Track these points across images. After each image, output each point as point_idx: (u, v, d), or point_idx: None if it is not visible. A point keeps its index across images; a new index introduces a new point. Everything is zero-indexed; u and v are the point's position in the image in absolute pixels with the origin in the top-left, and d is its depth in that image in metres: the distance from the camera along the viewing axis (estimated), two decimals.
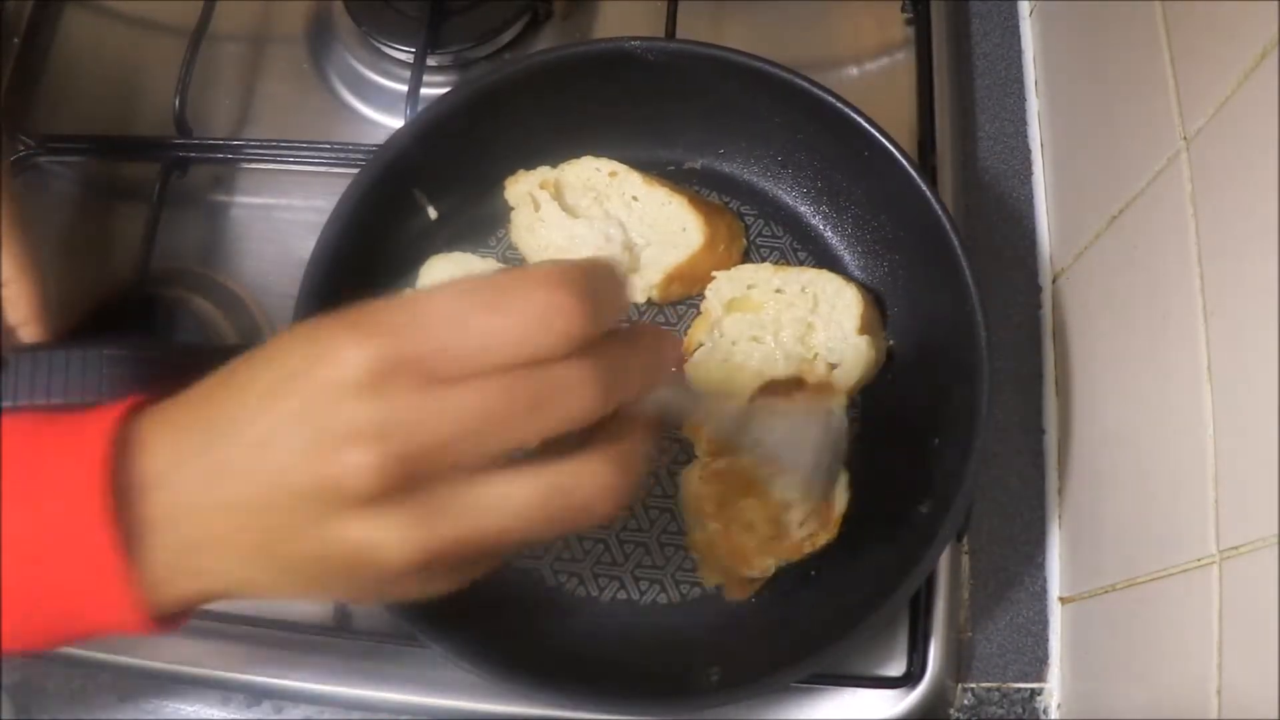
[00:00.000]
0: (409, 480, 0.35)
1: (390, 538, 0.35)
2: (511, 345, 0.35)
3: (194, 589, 0.39)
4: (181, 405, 0.39)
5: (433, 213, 0.71)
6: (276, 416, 0.36)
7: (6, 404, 0.58)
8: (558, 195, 0.71)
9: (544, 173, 0.71)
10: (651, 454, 0.40)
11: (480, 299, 0.36)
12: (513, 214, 0.71)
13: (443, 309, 0.35)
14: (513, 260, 0.72)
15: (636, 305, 0.73)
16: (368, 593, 0.40)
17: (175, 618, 0.40)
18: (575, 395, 0.36)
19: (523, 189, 0.71)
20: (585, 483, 0.38)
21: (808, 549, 0.64)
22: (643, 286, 0.70)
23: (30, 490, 0.37)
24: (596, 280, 0.37)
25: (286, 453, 0.35)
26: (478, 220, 0.74)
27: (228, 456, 0.36)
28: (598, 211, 0.71)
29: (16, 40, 0.84)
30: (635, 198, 0.71)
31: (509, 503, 0.37)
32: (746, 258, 0.74)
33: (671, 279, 0.70)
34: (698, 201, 0.71)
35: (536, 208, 0.70)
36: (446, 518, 0.36)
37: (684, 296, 0.72)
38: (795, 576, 0.67)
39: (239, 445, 0.36)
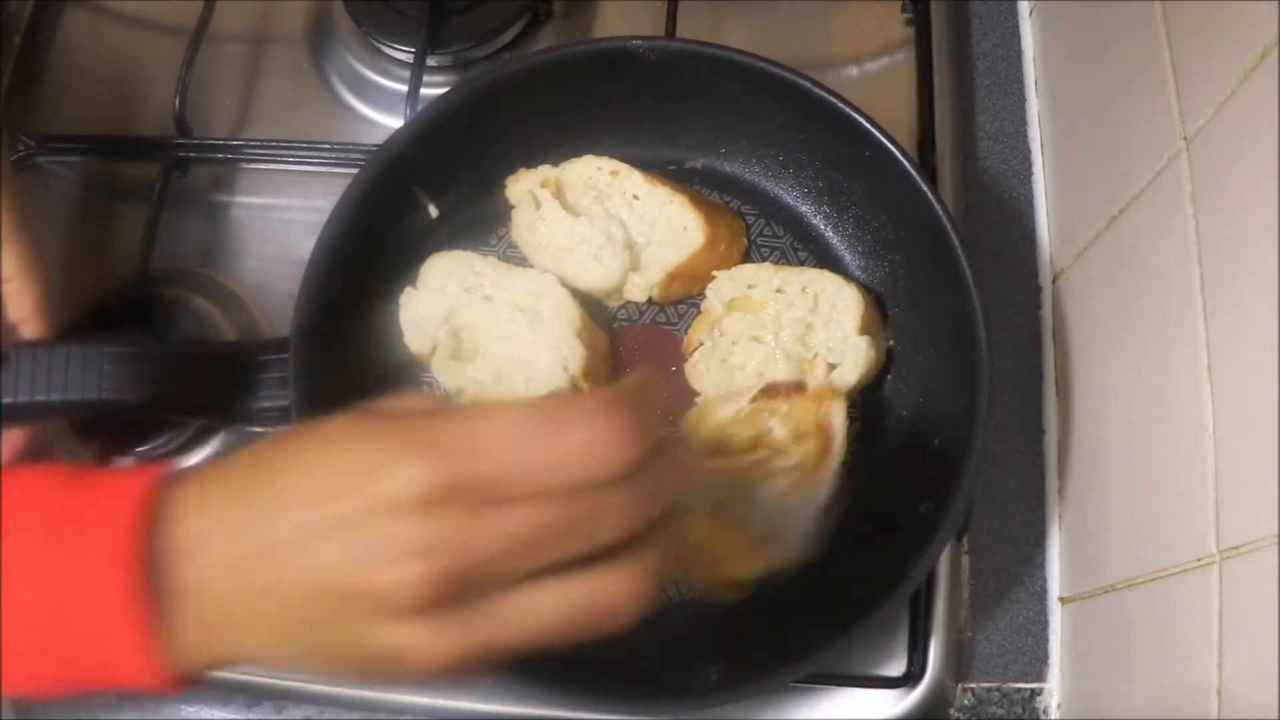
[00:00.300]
0: (452, 594, 0.36)
1: (426, 644, 0.37)
2: (565, 474, 0.37)
3: (218, 657, 0.39)
4: (216, 479, 0.39)
5: (434, 211, 0.71)
6: (324, 519, 0.36)
7: (7, 400, 0.58)
8: (559, 194, 0.71)
9: (545, 171, 0.71)
10: (671, 559, 0.42)
11: (538, 427, 0.37)
12: (514, 212, 0.71)
13: (501, 434, 0.37)
14: (514, 258, 0.72)
15: (637, 304, 0.73)
16: (384, 679, 0.42)
17: (192, 679, 0.40)
18: (616, 518, 0.38)
19: (524, 187, 0.71)
20: (611, 593, 0.39)
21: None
22: (643, 285, 0.70)
23: (58, 549, 0.37)
24: (644, 405, 0.39)
25: (334, 557, 0.36)
26: (479, 218, 0.74)
27: (269, 543, 0.37)
28: (599, 210, 0.71)
29: (18, 37, 0.84)
30: (636, 197, 0.71)
31: (539, 613, 0.38)
32: (747, 257, 0.74)
33: (672, 278, 0.70)
34: (699, 201, 0.71)
35: (537, 206, 0.70)
36: (481, 627, 0.37)
37: (685, 296, 0.73)
38: (795, 576, 0.67)
39: (281, 536, 0.37)
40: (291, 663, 0.40)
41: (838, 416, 0.64)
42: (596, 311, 0.72)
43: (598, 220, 0.70)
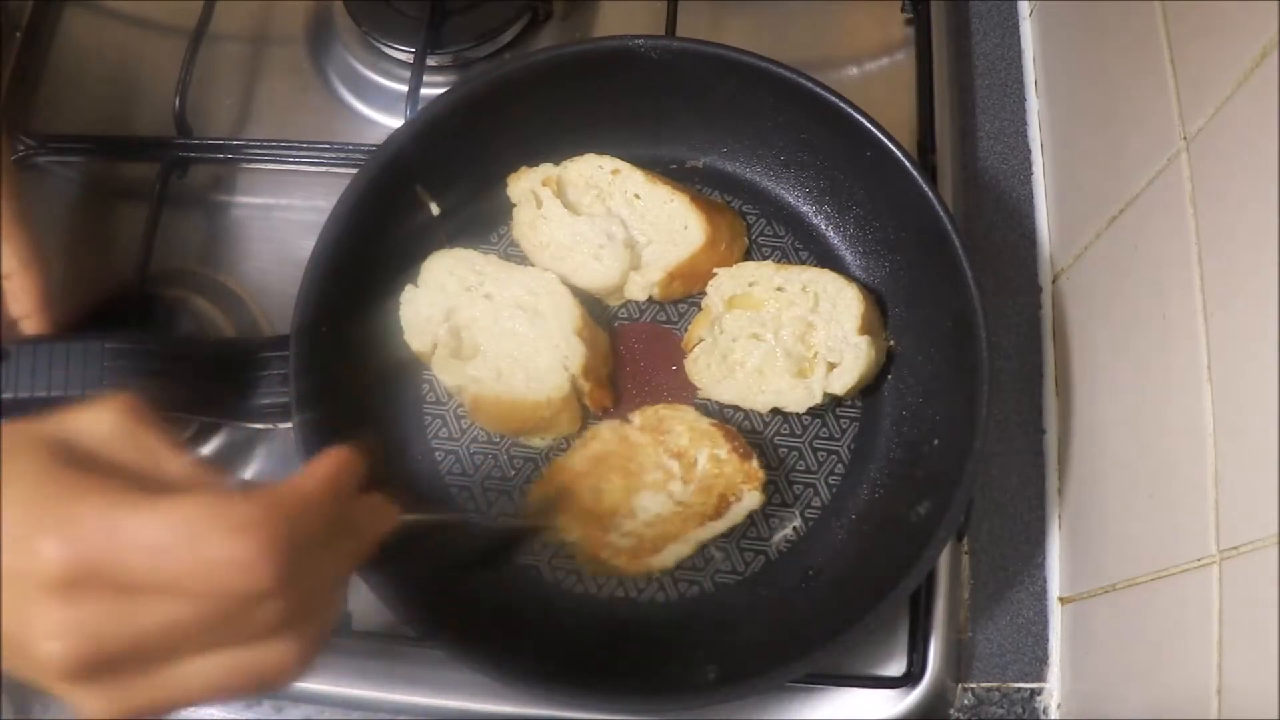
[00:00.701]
0: (100, 669, 0.37)
1: (90, 707, 0.38)
2: (204, 584, 0.37)
3: None
4: None
5: (435, 209, 0.71)
6: None
7: (7, 395, 0.58)
8: (560, 192, 0.71)
9: (546, 170, 0.71)
10: (336, 621, 0.44)
11: (180, 533, 0.37)
12: (515, 210, 0.71)
13: (142, 531, 0.37)
14: (514, 256, 0.72)
15: (637, 302, 0.73)
16: None
17: None
18: (261, 621, 0.39)
19: (525, 186, 0.71)
20: (267, 665, 0.40)
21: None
22: (644, 284, 0.70)
23: None
24: (302, 511, 0.39)
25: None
26: (480, 216, 0.74)
27: None
28: (600, 209, 0.71)
29: (18, 37, 0.84)
30: (637, 195, 0.71)
31: (194, 683, 0.39)
32: (748, 256, 0.74)
33: (673, 277, 0.70)
34: (699, 200, 0.71)
35: (539, 205, 0.70)
36: (140, 695, 0.39)
37: (685, 294, 0.73)
38: (794, 575, 0.67)
39: None
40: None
41: (746, 501, 0.64)
42: (597, 310, 0.72)
43: (599, 219, 0.70)
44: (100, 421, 0.41)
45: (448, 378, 0.68)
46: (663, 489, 0.65)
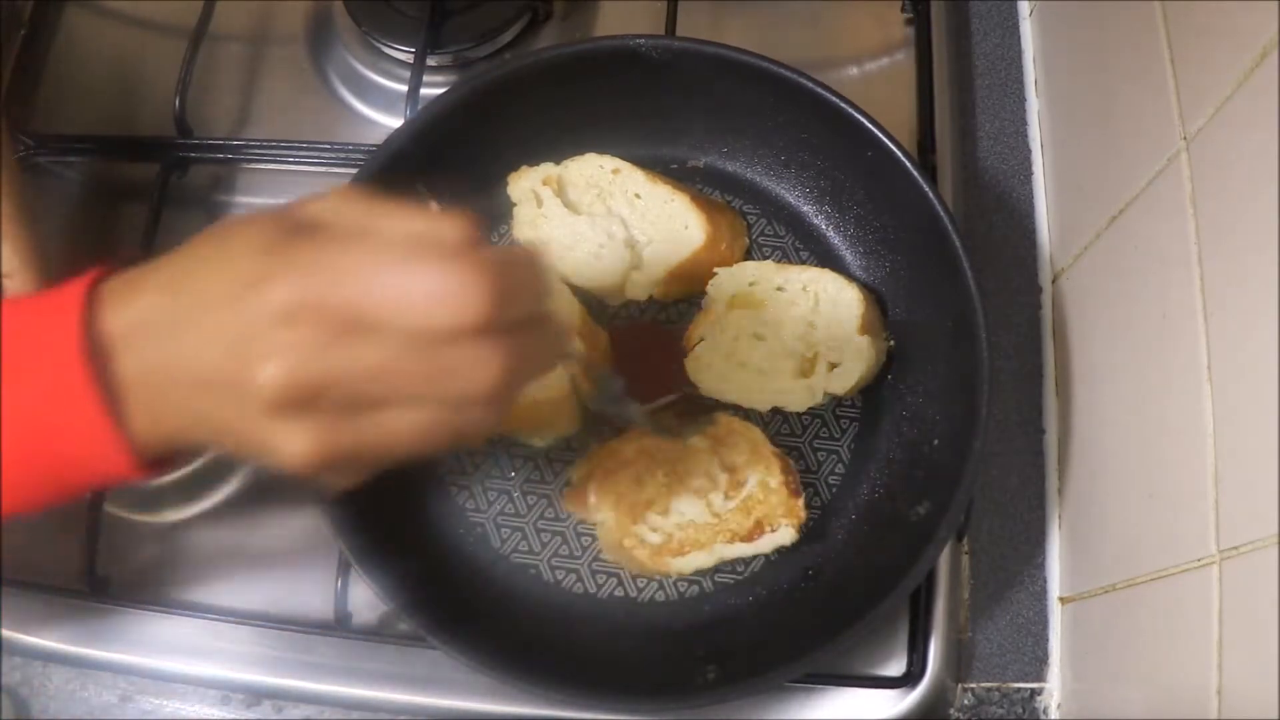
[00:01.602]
0: (310, 401, 0.40)
1: (293, 443, 0.41)
2: (413, 317, 0.39)
3: (170, 438, 0.43)
4: (146, 274, 0.43)
5: (435, 208, 0.71)
6: (215, 318, 0.40)
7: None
8: (560, 192, 0.71)
9: (547, 169, 0.71)
10: (511, 407, 0.44)
11: (395, 265, 0.40)
12: (515, 209, 0.71)
13: (358, 264, 0.40)
14: None
15: (639, 302, 0.73)
16: (278, 467, 0.44)
17: (163, 462, 0.45)
18: (473, 377, 0.40)
19: (526, 185, 0.71)
20: (471, 422, 0.42)
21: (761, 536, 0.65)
22: (644, 284, 0.70)
23: (19, 365, 0.42)
24: (512, 271, 0.42)
25: (219, 351, 0.40)
26: (480, 216, 0.73)
27: (181, 338, 0.41)
28: (600, 209, 0.71)
29: (19, 37, 0.84)
30: (638, 195, 0.71)
31: (402, 429, 0.41)
32: (749, 256, 0.74)
33: (673, 277, 0.70)
34: (700, 200, 0.71)
35: (539, 204, 0.70)
36: (344, 435, 0.41)
37: (685, 294, 0.73)
38: (793, 575, 0.67)
39: (189, 331, 0.41)
40: (217, 447, 0.44)
41: (780, 535, 0.64)
42: (597, 309, 0.72)
43: (599, 218, 0.70)
44: (328, 201, 0.43)
45: None
46: (704, 497, 0.65)
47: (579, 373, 0.67)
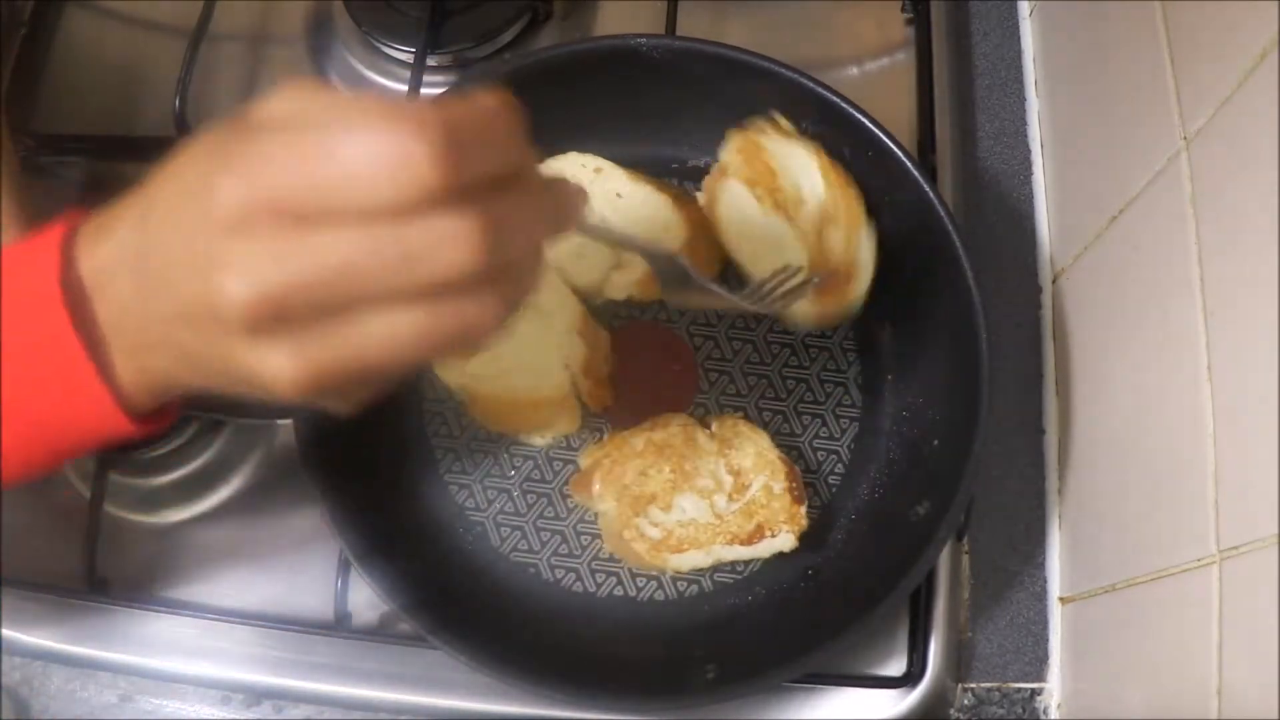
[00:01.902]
0: (284, 314, 0.36)
1: (275, 364, 0.36)
2: (362, 193, 0.34)
3: (154, 384, 0.41)
4: (120, 209, 0.40)
5: None
6: (177, 240, 0.37)
7: None
8: None
9: None
10: (534, 287, 0.40)
11: (337, 137, 0.35)
12: None
13: (303, 147, 0.35)
14: None
15: (616, 302, 0.72)
16: (292, 400, 0.40)
17: (158, 415, 0.43)
18: (449, 250, 0.35)
19: None
20: (468, 319, 0.37)
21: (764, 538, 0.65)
22: (623, 284, 0.70)
23: (5, 312, 0.39)
24: (471, 123, 0.36)
25: (182, 277, 0.37)
26: None
27: (149, 270, 0.38)
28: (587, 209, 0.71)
29: (18, 37, 0.84)
30: (619, 194, 0.70)
31: (390, 334, 0.36)
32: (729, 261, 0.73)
33: (652, 277, 0.70)
34: (681, 200, 0.71)
35: None
36: (328, 349, 0.36)
37: (662, 297, 0.72)
38: (793, 575, 0.67)
39: (156, 259, 0.38)
40: (202, 386, 0.41)
41: (779, 541, 0.64)
42: (597, 309, 0.72)
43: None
44: (280, 96, 0.39)
45: (448, 376, 0.68)
46: (707, 497, 0.65)
47: (579, 373, 0.67)
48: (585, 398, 0.69)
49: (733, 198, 0.68)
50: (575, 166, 0.71)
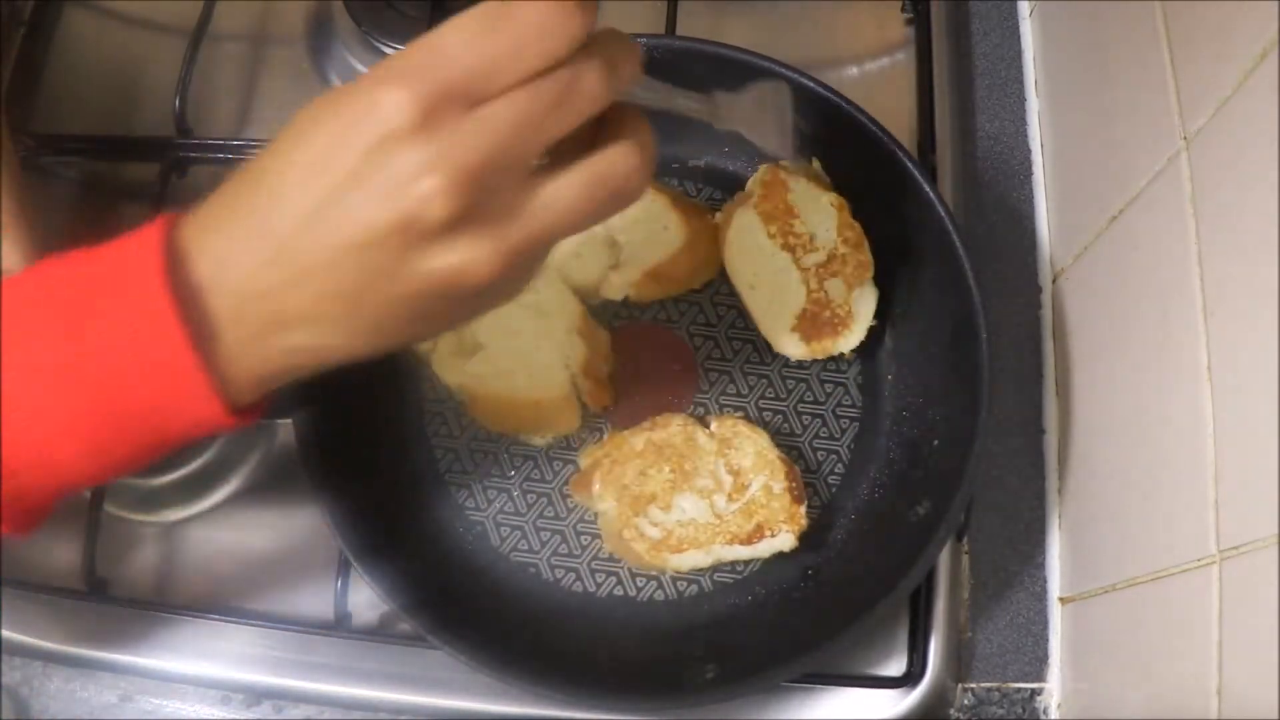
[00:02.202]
0: (476, 197, 0.39)
1: (475, 254, 0.39)
2: (525, 57, 0.38)
3: (278, 369, 0.42)
4: (215, 207, 0.41)
5: None
6: (333, 180, 0.38)
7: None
8: None
9: None
10: (652, 133, 0.44)
11: (485, 25, 0.39)
12: None
13: (454, 41, 0.39)
14: None
15: (607, 302, 0.72)
16: (453, 320, 0.44)
17: (252, 408, 0.44)
18: (588, 85, 0.40)
19: None
20: (618, 166, 0.42)
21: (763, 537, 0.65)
22: (620, 284, 0.70)
23: (97, 315, 0.40)
24: None
25: (352, 213, 0.38)
26: None
27: (283, 236, 0.39)
28: None
29: (18, 37, 0.84)
30: None
31: (561, 198, 0.41)
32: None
33: (650, 277, 0.70)
34: (681, 202, 0.71)
35: None
36: (516, 223, 0.40)
37: (661, 296, 0.72)
38: (793, 575, 0.67)
39: (294, 221, 0.39)
40: (353, 347, 0.42)
41: (779, 541, 0.64)
42: (598, 309, 0.72)
43: None
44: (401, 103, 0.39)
45: (448, 376, 0.68)
46: (707, 497, 0.65)
47: (579, 372, 0.67)
48: (585, 398, 0.69)
49: (745, 224, 0.69)
50: None
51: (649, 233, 0.70)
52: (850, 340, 0.68)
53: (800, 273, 0.68)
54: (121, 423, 0.41)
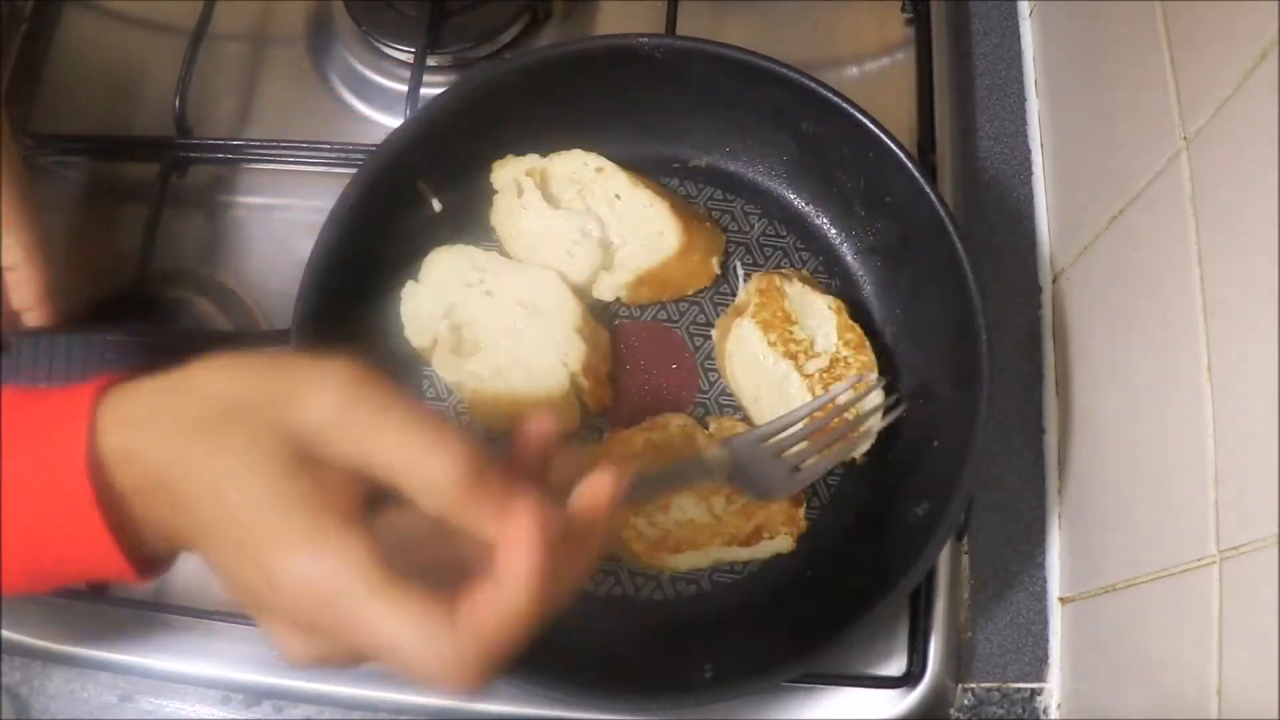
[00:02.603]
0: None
1: (284, 645, 0.42)
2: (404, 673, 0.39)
3: (163, 548, 0.43)
4: (145, 394, 0.42)
5: (437, 205, 0.71)
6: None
7: (9, 386, 0.58)
8: (543, 184, 0.70)
9: (532, 160, 0.71)
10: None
11: (394, 640, 0.38)
12: (496, 198, 0.71)
13: (366, 623, 0.39)
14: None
15: (604, 302, 0.72)
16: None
17: (159, 564, 0.44)
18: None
19: (509, 174, 0.70)
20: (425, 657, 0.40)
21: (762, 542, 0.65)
22: (612, 285, 0.70)
23: (24, 460, 0.41)
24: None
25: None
26: (482, 213, 0.73)
27: (171, 463, 0.40)
28: (580, 205, 0.70)
29: (18, 37, 0.84)
30: (618, 196, 0.70)
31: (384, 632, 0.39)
32: (724, 270, 0.73)
33: (642, 281, 0.70)
34: (680, 209, 0.71)
35: (520, 194, 0.70)
36: (327, 649, 0.41)
37: (653, 300, 0.72)
38: (792, 575, 0.67)
39: (181, 469, 0.40)
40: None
41: (777, 543, 0.64)
42: (598, 309, 0.72)
43: (576, 214, 0.70)
44: (324, 407, 0.40)
45: (448, 374, 0.68)
46: (705, 499, 0.65)
47: (578, 371, 0.67)
48: (584, 397, 0.69)
49: (744, 335, 0.68)
50: (577, 164, 0.71)
51: (644, 237, 0.70)
52: (862, 443, 0.67)
53: (804, 380, 0.67)
54: (33, 564, 0.42)
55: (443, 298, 0.68)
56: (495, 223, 0.71)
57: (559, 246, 0.70)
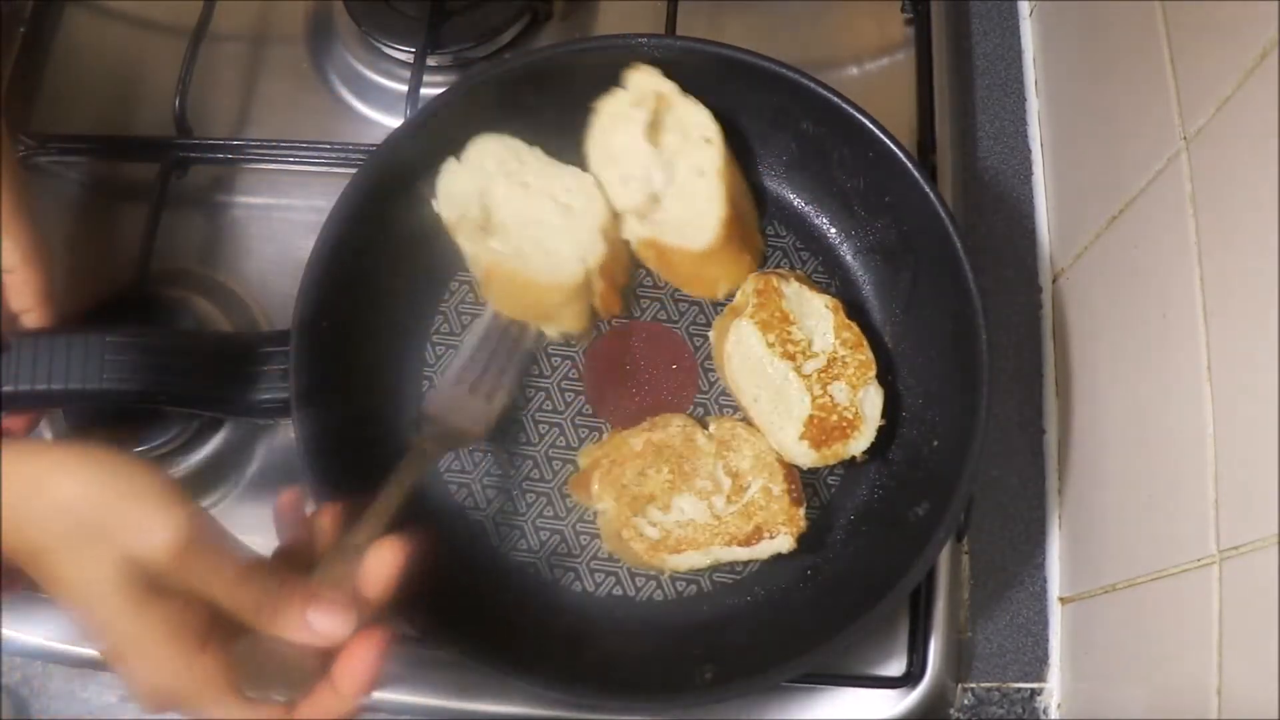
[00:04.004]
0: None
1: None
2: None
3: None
4: (37, 453, 0.47)
5: (437, 205, 0.71)
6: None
7: (8, 388, 0.58)
8: (659, 112, 0.69)
9: (669, 85, 0.69)
10: None
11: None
12: (615, 94, 0.69)
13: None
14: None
15: (639, 301, 0.72)
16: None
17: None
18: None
19: (645, 81, 0.69)
20: None
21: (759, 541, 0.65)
22: (633, 228, 0.70)
23: None
24: None
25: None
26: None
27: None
28: (668, 155, 0.69)
29: (19, 37, 0.84)
30: (701, 173, 0.68)
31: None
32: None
33: (655, 247, 0.70)
34: (738, 229, 0.69)
35: (639, 103, 0.69)
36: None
37: (656, 271, 0.72)
38: (792, 575, 0.67)
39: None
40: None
41: (778, 542, 0.64)
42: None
43: (658, 157, 0.69)
44: (161, 547, 0.44)
45: (470, 245, 0.68)
46: (706, 499, 0.65)
47: (594, 270, 0.67)
48: (596, 300, 0.69)
49: (742, 337, 0.67)
50: (701, 120, 0.69)
51: (688, 218, 0.69)
52: (861, 442, 0.66)
53: (802, 380, 0.67)
54: None
55: (480, 179, 0.68)
56: (599, 109, 0.70)
57: (624, 169, 0.69)
